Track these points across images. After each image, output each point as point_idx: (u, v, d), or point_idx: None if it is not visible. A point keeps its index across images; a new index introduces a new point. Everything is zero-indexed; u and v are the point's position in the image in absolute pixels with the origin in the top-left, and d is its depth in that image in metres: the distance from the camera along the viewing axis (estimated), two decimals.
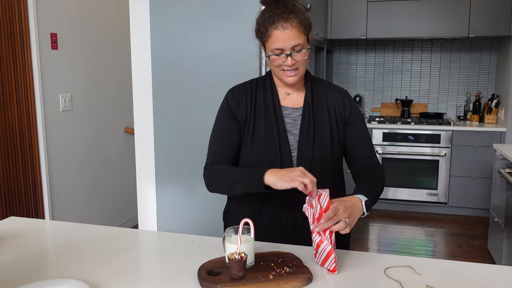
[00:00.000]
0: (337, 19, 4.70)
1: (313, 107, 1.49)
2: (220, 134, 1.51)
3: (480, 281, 1.23)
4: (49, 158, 3.21)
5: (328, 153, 1.47)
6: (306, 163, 1.45)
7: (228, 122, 1.50)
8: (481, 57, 4.86)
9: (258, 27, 1.43)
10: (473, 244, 3.86)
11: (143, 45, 2.24)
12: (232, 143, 1.50)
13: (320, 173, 1.46)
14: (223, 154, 1.50)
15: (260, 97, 1.50)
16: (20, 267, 1.33)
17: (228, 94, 1.54)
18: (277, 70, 1.43)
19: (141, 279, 1.27)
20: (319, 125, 1.48)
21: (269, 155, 1.45)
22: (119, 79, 3.89)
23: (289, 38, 1.36)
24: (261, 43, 1.45)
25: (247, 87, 1.53)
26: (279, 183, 1.30)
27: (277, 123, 1.47)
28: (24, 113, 3.07)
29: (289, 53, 1.38)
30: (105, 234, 1.60)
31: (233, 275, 1.18)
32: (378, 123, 4.68)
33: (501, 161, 3.27)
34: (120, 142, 3.98)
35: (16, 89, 3.03)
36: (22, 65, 3.04)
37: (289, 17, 1.36)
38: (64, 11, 3.30)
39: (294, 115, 1.50)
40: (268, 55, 1.41)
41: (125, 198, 4.02)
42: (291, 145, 1.47)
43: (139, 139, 2.32)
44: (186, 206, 2.30)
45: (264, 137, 1.46)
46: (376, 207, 4.78)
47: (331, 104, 1.51)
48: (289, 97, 1.52)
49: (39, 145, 3.16)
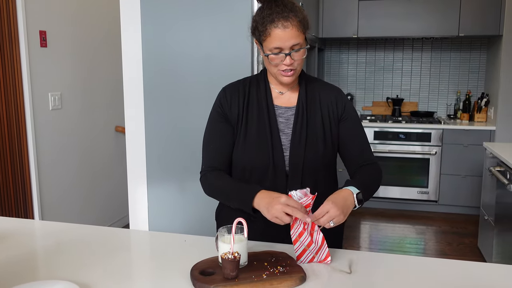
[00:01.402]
0: (329, 18, 4.71)
1: (307, 107, 1.48)
2: (213, 137, 1.51)
3: (470, 279, 1.24)
4: (38, 158, 3.18)
5: (320, 152, 1.47)
6: (298, 163, 1.44)
7: (220, 124, 1.50)
8: (471, 56, 4.90)
9: (255, 25, 1.41)
10: (463, 242, 3.89)
11: (134, 42, 2.22)
12: (226, 146, 1.49)
13: (313, 173, 1.46)
14: (217, 159, 1.50)
15: (253, 96, 1.49)
16: (9, 268, 1.31)
17: (221, 94, 1.52)
18: (274, 69, 1.42)
19: (133, 279, 1.26)
20: (312, 125, 1.47)
21: (261, 155, 1.44)
22: (109, 77, 3.86)
23: (289, 37, 1.35)
24: (258, 42, 1.43)
25: (240, 85, 1.52)
26: (264, 215, 1.32)
27: (270, 122, 1.46)
28: (13, 112, 3.04)
29: (288, 53, 1.37)
30: (96, 234, 1.58)
31: (226, 275, 1.17)
32: (369, 121, 4.69)
33: (491, 160, 3.30)
34: (111, 141, 3.95)
35: (4, 88, 2.99)
36: (11, 63, 3.00)
37: (289, 15, 1.34)
38: (54, 8, 3.26)
39: (287, 114, 1.49)
40: (267, 54, 1.39)
41: (116, 198, 3.99)
42: (284, 145, 1.47)
43: (130, 137, 2.30)
44: (178, 205, 2.29)
45: (257, 137, 1.46)
46: (367, 206, 4.80)
47: (325, 102, 1.51)
48: (282, 96, 1.51)
49: (28, 144, 3.12)
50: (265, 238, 1.48)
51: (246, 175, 1.48)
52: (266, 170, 1.45)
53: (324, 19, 4.71)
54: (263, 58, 1.45)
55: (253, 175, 1.47)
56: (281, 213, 1.26)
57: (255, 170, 1.46)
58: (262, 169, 1.45)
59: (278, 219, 1.28)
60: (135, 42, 2.22)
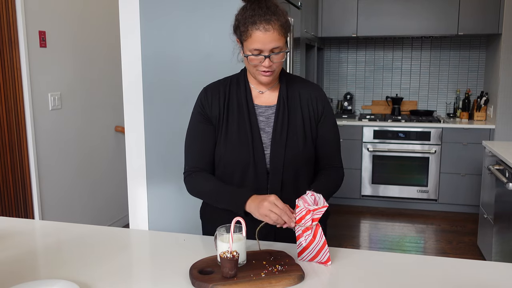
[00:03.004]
0: (328, 17, 4.71)
1: (287, 105, 1.50)
2: (196, 138, 1.53)
3: (470, 277, 1.24)
4: (38, 158, 3.18)
5: (300, 150, 1.49)
6: (279, 161, 1.47)
7: (202, 124, 1.52)
8: (470, 54, 4.90)
9: (237, 24, 1.42)
10: (463, 241, 3.90)
11: (133, 42, 2.23)
12: (208, 147, 1.51)
13: (293, 171, 1.49)
14: (201, 159, 1.52)
15: (233, 95, 1.51)
16: (9, 267, 1.31)
17: (202, 94, 1.54)
18: (253, 69, 1.44)
19: (132, 278, 1.26)
20: (292, 123, 1.50)
21: (242, 154, 1.46)
22: (109, 77, 3.87)
23: (269, 40, 1.36)
24: (239, 40, 1.45)
25: (221, 85, 1.54)
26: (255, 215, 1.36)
27: (250, 121, 1.48)
28: (12, 112, 3.04)
29: (268, 55, 1.38)
30: (96, 234, 1.59)
31: (225, 273, 1.18)
32: (369, 120, 4.70)
33: (490, 158, 3.30)
34: (111, 141, 3.96)
35: (4, 88, 3.00)
36: (10, 63, 3.00)
37: (271, 19, 1.36)
38: (53, 8, 3.26)
39: (268, 113, 1.51)
40: (247, 54, 1.40)
41: (115, 197, 4.00)
42: (264, 143, 1.48)
43: (130, 137, 2.30)
44: (177, 205, 2.29)
45: (238, 136, 1.47)
46: (367, 205, 4.81)
47: (305, 101, 1.53)
48: (262, 95, 1.53)
49: (28, 144, 3.12)
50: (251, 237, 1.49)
51: (228, 174, 1.50)
52: (247, 168, 1.47)
53: (324, 19, 4.71)
54: (243, 58, 1.46)
55: (235, 173, 1.48)
56: (268, 211, 1.31)
57: (237, 168, 1.48)
58: (243, 167, 1.47)
59: (267, 217, 1.31)
60: (135, 42, 2.22)
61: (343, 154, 4.66)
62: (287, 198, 1.38)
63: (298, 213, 1.30)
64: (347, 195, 4.76)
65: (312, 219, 1.29)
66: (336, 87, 5.31)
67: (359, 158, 4.69)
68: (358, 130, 4.66)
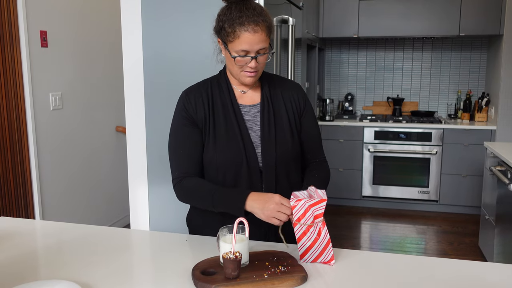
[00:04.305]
0: (329, 17, 4.70)
1: (271, 103, 1.52)
2: (182, 142, 1.50)
3: (471, 278, 1.24)
4: (39, 158, 3.18)
5: (290, 146, 1.50)
6: (271, 159, 1.47)
7: (187, 128, 1.49)
8: (471, 55, 4.90)
9: (222, 25, 1.40)
10: (464, 242, 3.89)
11: (135, 42, 2.22)
12: (196, 150, 1.49)
13: (285, 167, 1.50)
14: (191, 164, 1.49)
15: (216, 97, 1.50)
16: (10, 268, 1.31)
17: (183, 98, 1.52)
18: (237, 70, 1.43)
19: (134, 279, 1.26)
20: (278, 120, 1.51)
21: (234, 155, 1.45)
22: (110, 77, 3.86)
23: (257, 41, 1.36)
24: (222, 41, 1.43)
25: (201, 88, 1.53)
26: (259, 216, 1.34)
27: (238, 121, 1.47)
28: (13, 112, 3.04)
29: (254, 56, 1.38)
30: (97, 234, 1.58)
31: (228, 274, 1.17)
32: (370, 121, 4.69)
33: (491, 159, 3.30)
34: (112, 141, 3.95)
35: (5, 88, 2.99)
36: (11, 63, 3.00)
37: (259, 20, 1.36)
38: (54, 8, 3.26)
39: (253, 112, 1.51)
40: (234, 56, 1.39)
41: (116, 197, 3.99)
42: (254, 142, 1.48)
43: (131, 137, 2.30)
44: (179, 205, 2.28)
45: (226, 137, 1.47)
46: (368, 205, 4.80)
47: (287, 98, 1.55)
48: (245, 95, 1.53)
49: (29, 144, 3.12)
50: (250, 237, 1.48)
51: (220, 175, 1.48)
52: (240, 169, 1.46)
53: (325, 19, 4.71)
54: (226, 59, 1.45)
55: (228, 174, 1.47)
56: (277, 213, 1.30)
57: (230, 169, 1.46)
58: (236, 168, 1.46)
59: (275, 218, 1.31)
60: (136, 42, 2.22)
61: (344, 155, 4.70)
62: (282, 195, 1.37)
63: (296, 212, 1.30)
64: (347, 195, 4.75)
65: (314, 216, 1.28)
66: (337, 88, 5.31)
67: (360, 158, 4.69)
68: (359, 130, 4.66)
